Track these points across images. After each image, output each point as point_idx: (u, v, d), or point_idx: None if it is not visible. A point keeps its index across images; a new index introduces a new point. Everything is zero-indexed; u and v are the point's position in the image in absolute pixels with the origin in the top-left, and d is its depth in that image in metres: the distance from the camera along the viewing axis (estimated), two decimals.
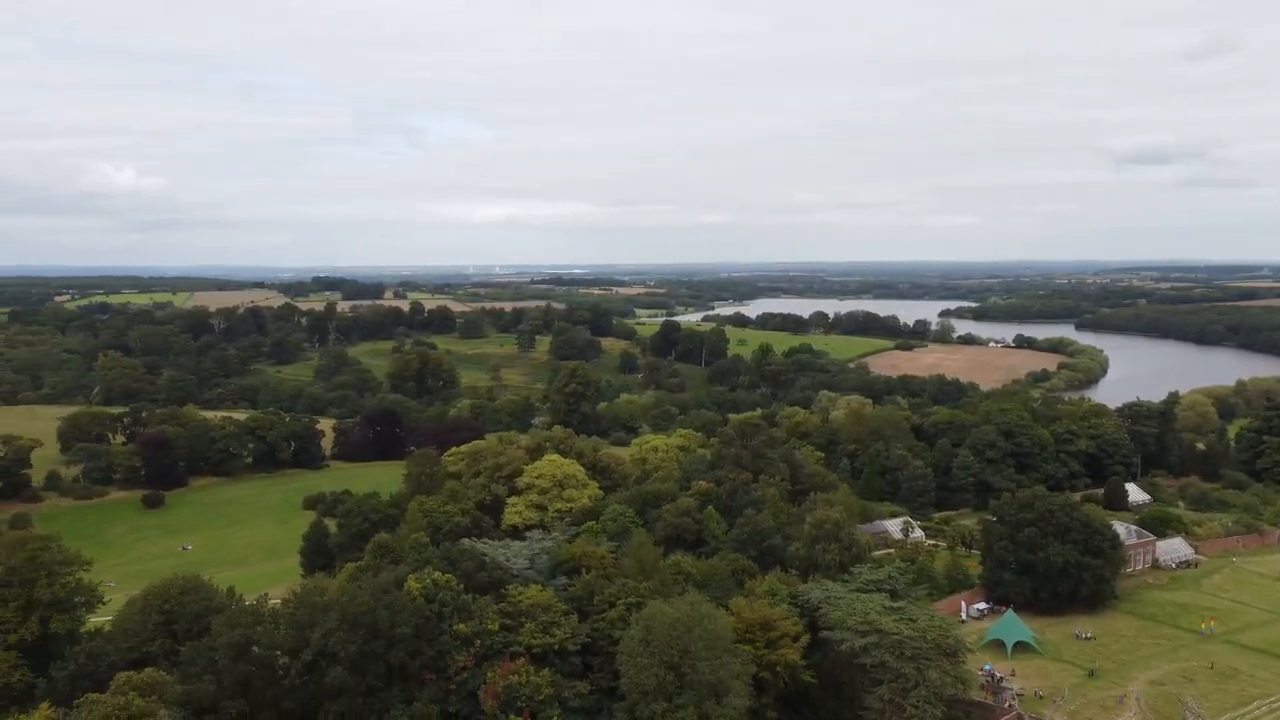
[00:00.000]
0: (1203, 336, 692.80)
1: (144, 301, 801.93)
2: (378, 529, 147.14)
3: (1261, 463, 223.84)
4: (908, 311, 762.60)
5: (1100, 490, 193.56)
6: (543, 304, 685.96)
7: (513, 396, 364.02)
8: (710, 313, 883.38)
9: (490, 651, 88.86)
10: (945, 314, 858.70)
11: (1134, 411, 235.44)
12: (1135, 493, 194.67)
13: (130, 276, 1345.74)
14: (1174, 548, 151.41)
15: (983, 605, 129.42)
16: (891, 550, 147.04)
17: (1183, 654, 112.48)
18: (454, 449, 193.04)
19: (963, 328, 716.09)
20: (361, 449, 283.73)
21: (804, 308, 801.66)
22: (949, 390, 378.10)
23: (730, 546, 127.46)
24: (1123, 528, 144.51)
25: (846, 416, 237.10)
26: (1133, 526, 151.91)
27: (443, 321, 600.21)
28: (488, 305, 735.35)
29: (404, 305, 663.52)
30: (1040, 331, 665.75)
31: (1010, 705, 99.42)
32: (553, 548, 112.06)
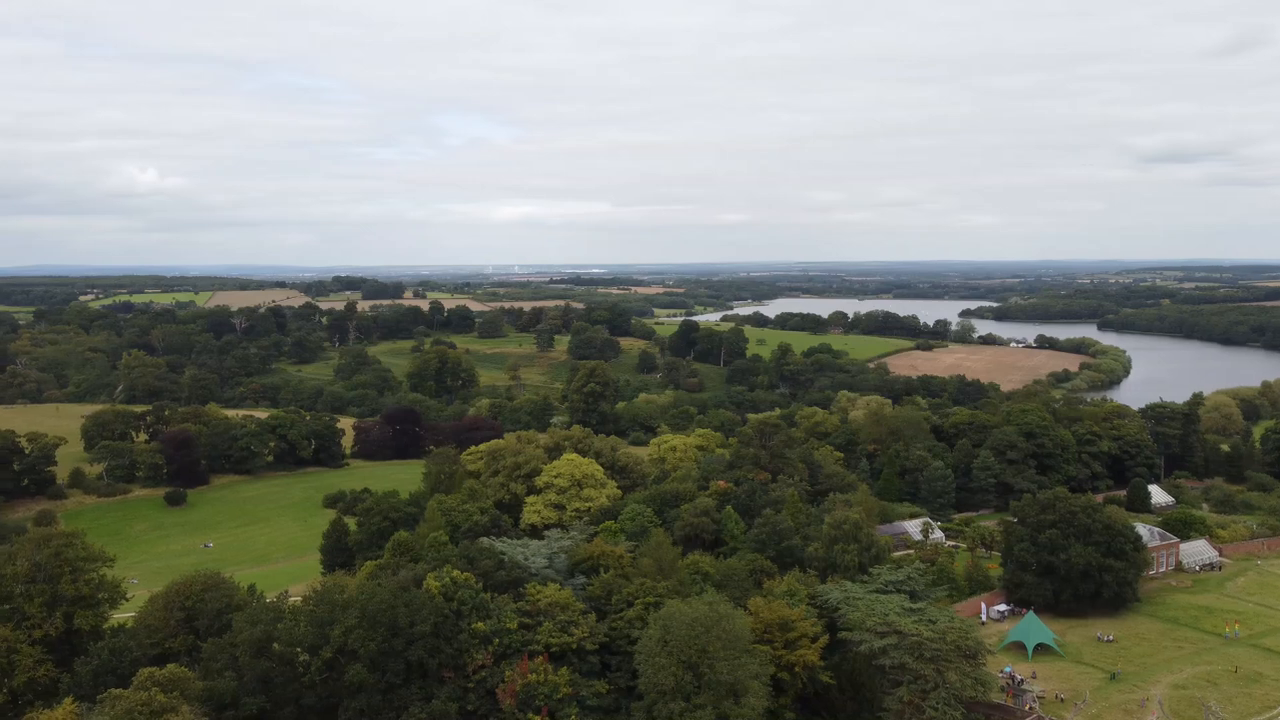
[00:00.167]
0: (1228, 337, 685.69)
1: (167, 301, 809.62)
2: (397, 527, 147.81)
3: None
4: (928, 311, 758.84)
5: (1122, 492, 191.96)
6: (561, 303, 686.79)
7: (531, 396, 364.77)
8: (729, 312, 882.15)
9: (508, 650, 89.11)
10: (966, 314, 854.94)
11: (1157, 413, 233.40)
12: (1158, 494, 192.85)
13: (153, 276, 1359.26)
14: (1197, 550, 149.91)
15: (1003, 607, 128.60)
16: (911, 551, 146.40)
17: (1206, 657, 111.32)
18: (473, 448, 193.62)
19: (984, 328, 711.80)
20: (381, 448, 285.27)
21: (823, 307, 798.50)
22: (969, 391, 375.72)
23: (749, 546, 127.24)
24: (1145, 530, 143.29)
25: (866, 417, 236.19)
26: (1155, 529, 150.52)
27: (462, 321, 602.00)
28: (507, 305, 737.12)
29: (423, 305, 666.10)
30: (1062, 332, 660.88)
31: (1031, 708, 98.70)
32: (571, 547, 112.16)
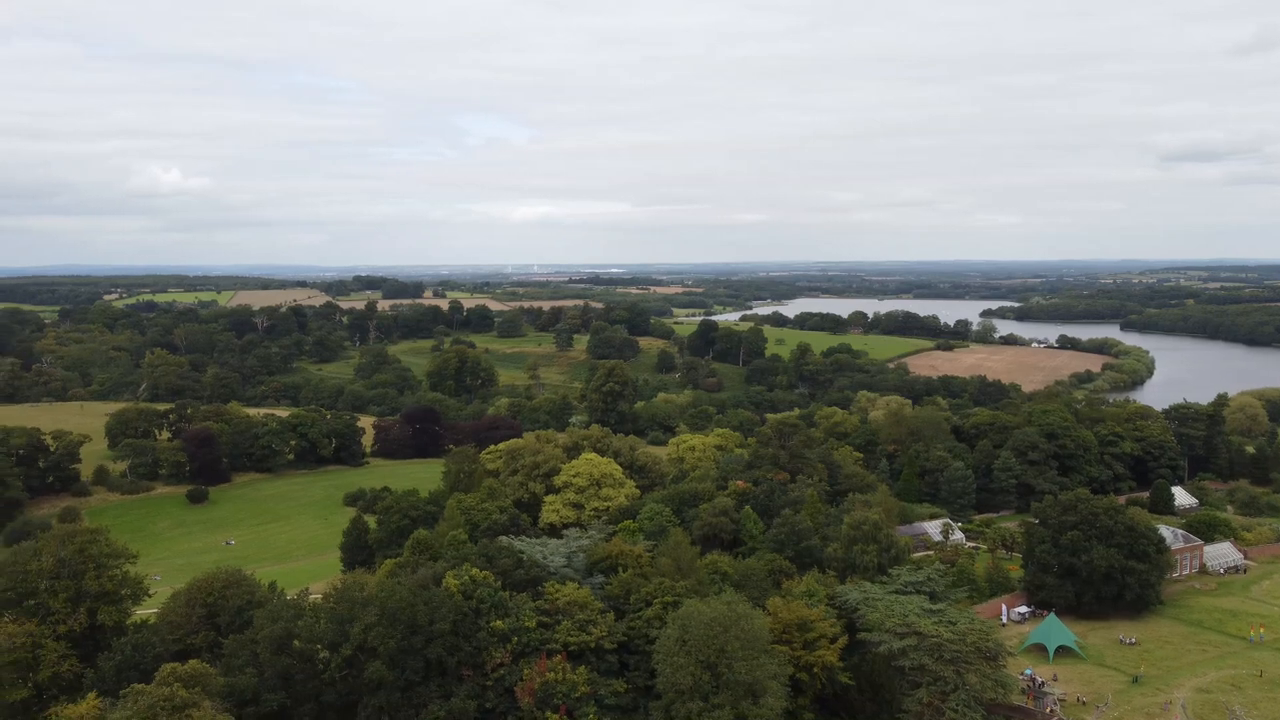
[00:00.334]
0: (1253, 337, 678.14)
1: (189, 300, 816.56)
2: (417, 526, 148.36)
3: None
4: (948, 311, 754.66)
5: (1145, 493, 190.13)
6: (580, 303, 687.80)
7: (550, 395, 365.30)
8: (748, 312, 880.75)
9: (527, 648, 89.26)
10: (987, 314, 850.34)
11: (1181, 413, 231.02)
12: (1182, 496, 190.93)
13: (176, 275, 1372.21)
14: (1222, 553, 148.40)
15: (1024, 609, 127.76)
16: (931, 552, 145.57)
17: (1230, 661, 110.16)
18: (492, 447, 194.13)
19: (1005, 328, 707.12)
20: (401, 446, 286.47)
21: (843, 307, 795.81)
22: (990, 391, 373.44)
23: (767, 546, 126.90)
24: (1169, 532, 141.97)
25: (885, 417, 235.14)
26: (1179, 530, 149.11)
27: (481, 320, 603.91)
28: (526, 304, 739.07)
29: (443, 304, 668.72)
30: (1084, 332, 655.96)
31: (1052, 711, 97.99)
32: (589, 546, 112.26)
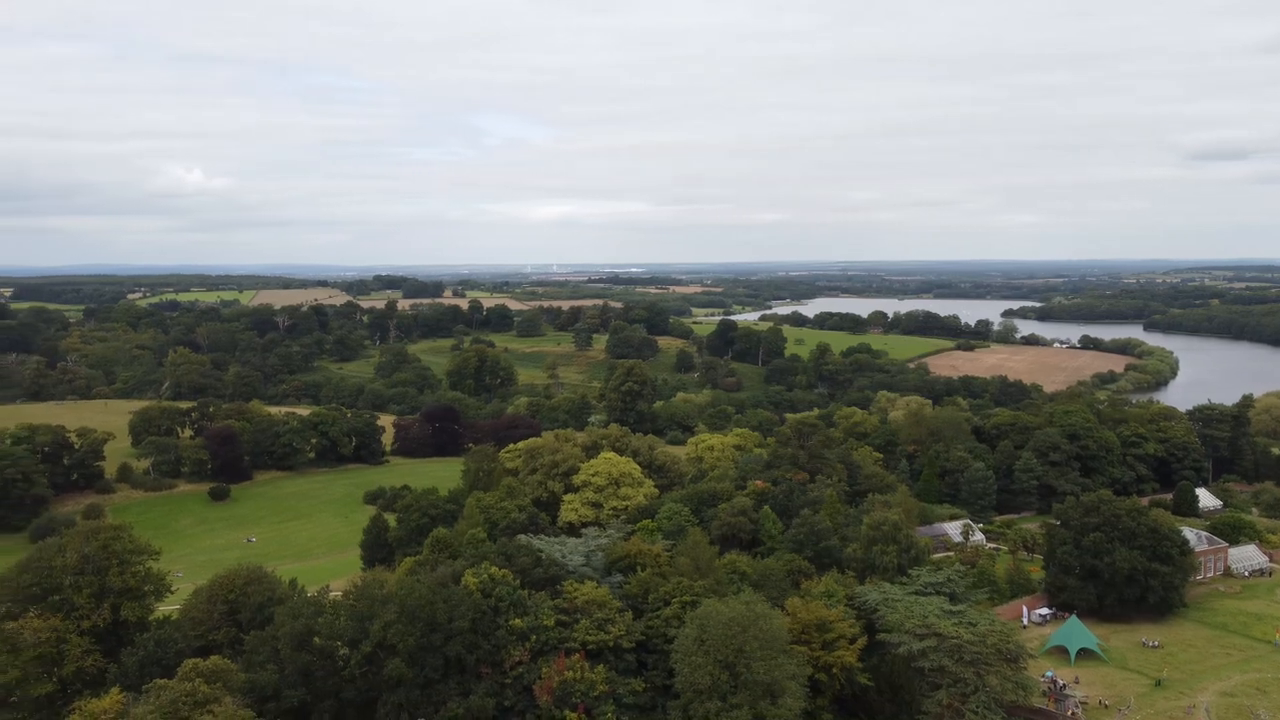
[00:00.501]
0: (1279, 338, 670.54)
1: (212, 299, 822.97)
2: (436, 524, 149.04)
3: None
4: (969, 311, 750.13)
5: (1169, 495, 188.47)
6: (599, 302, 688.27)
7: (569, 394, 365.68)
8: (767, 312, 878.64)
9: (545, 647, 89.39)
10: (1008, 314, 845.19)
11: (1205, 415, 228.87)
12: (1206, 498, 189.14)
13: (198, 275, 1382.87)
14: (1247, 555, 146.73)
15: (1045, 611, 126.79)
16: (951, 553, 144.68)
17: (1255, 665, 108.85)
18: (511, 446, 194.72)
19: (1026, 328, 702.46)
20: (421, 445, 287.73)
21: (863, 307, 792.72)
22: (1011, 392, 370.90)
23: (786, 547, 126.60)
24: (1193, 534, 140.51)
25: (905, 417, 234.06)
26: (1203, 533, 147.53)
27: (501, 320, 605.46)
28: (545, 304, 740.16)
29: (463, 303, 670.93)
30: (1107, 332, 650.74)
31: (1073, 714, 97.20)
32: (608, 545, 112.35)
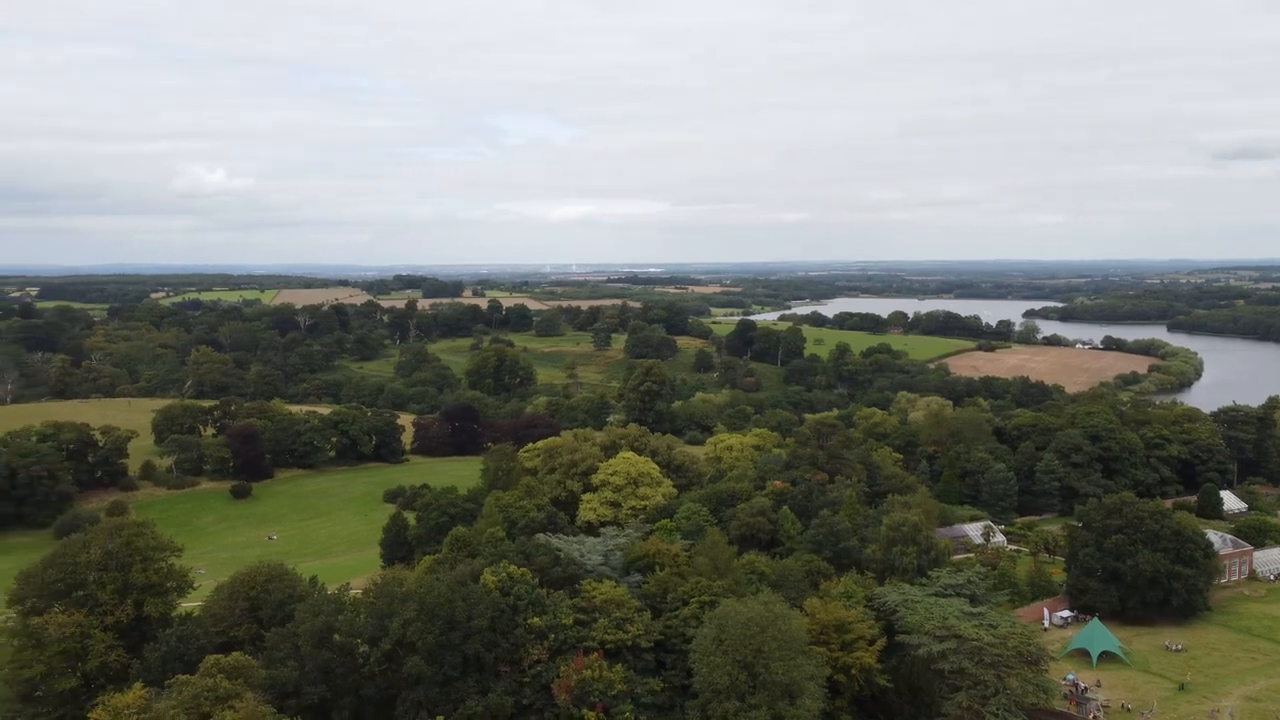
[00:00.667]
0: None
1: (234, 299, 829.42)
2: (455, 523, 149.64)
3: None
4: (990, 311, 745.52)
5: (1193, 497, 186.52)
6: (619, 302, 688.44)
7: (588, 394, 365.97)
8: (787, 312, 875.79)
9: (564, 646, 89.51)
10: (1030, 314, 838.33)
11: (1230, 416, 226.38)
12: (1231, 500, 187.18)
13: (221, 274, 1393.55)
14: (1272, 558, 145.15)
15: (1067, 613, 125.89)
16: (971, 555, 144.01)
17: None
18: (530, 445, 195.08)
19: (1048, 328, 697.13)
20: (440, 444, 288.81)
21: (883, 307, 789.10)
22: (1033, 392, 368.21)
23: (805, 547, 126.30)
24: (1217, 536, 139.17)
25: (925, 418, 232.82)
26: (1228, 535, 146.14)
27: (520, 319, 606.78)
28: (564, 303, 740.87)
29: (482, 303, 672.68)
30: (1130, 333, 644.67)
31: (1095, 717, 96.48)
32: (626, 545, 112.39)
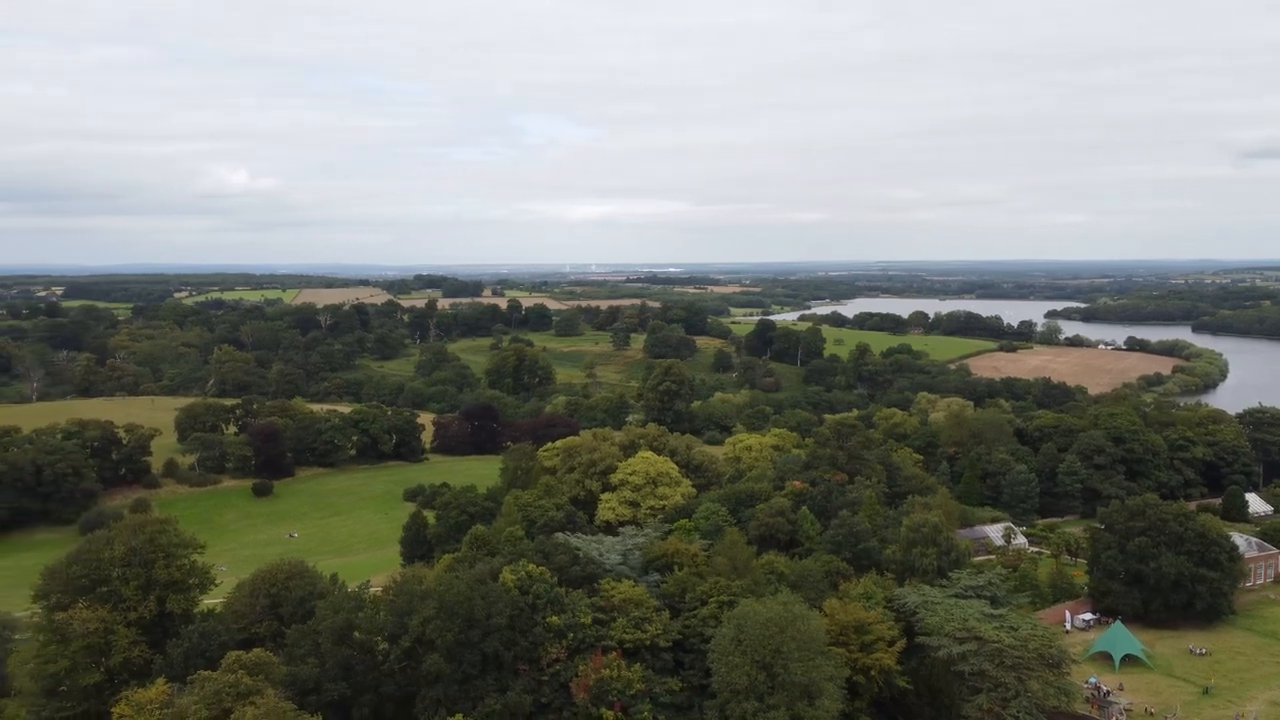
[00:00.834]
0: None
1: (256, 298, 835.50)
2: (474, 521, 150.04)
3: None
4: (1012, 312, 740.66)
5: (1218, 500, 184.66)
6: (638, 302, 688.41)
7: (607, 394, 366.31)
8: (807, 312, 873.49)
9: (582, 645, 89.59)
10: (1052, 315, 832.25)
11: (1256, 418, 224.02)
12: (1256, 503, 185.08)
13: (243, 274, 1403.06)
14: None
15: (1089, 616, 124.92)
16: (992, 556, 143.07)
17: None
18: (549, 444, 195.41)
19: (1070, 329, 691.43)
20: (460, 443, 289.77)
21: (903, 307, 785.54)
22: (1055, 393, 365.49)
23: (824, 548, 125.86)
24: (1242, 540, 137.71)
25: (946, 418, 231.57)
26: (1253, 538, 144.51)
27: (539, 319, 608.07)
28: (583, 303, 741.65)
29: (502, 303, 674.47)
30: (1154, 334, 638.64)
31: None
32: (645, 544, 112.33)
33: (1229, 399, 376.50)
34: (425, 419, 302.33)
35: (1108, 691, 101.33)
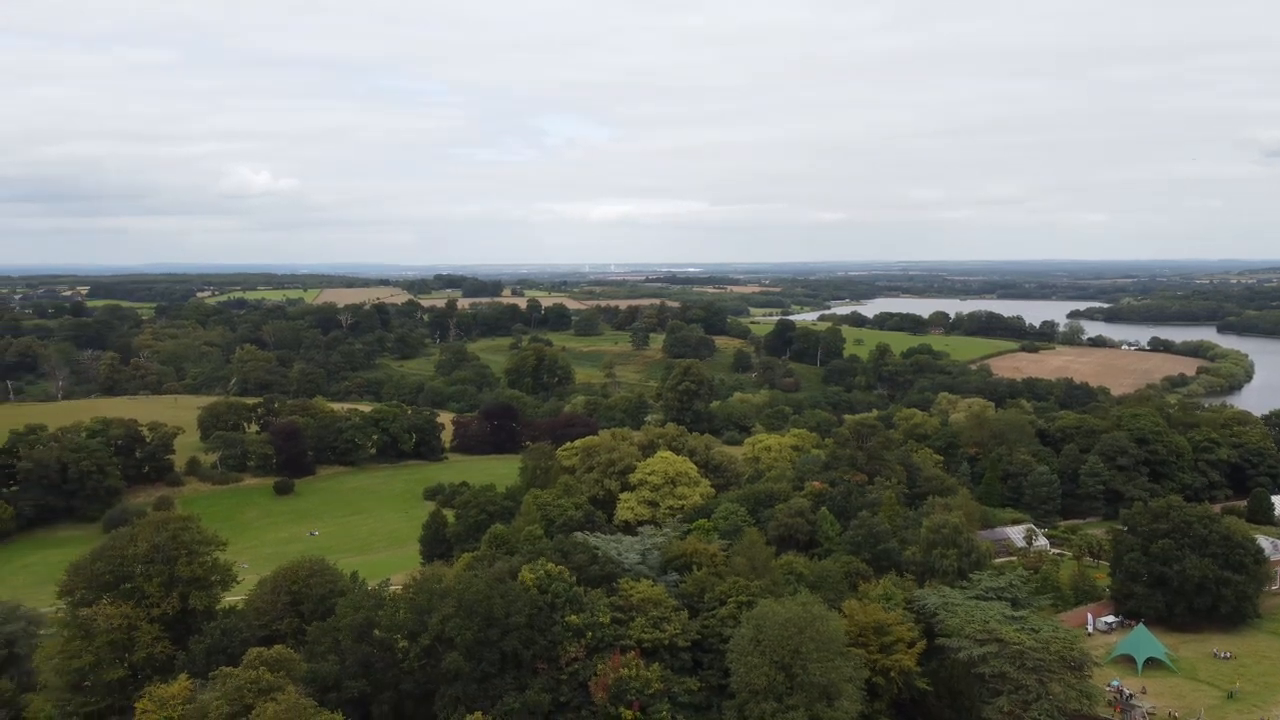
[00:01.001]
0: None
1: (277, 298, 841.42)
2: (494, 520, 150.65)
3: None
4: (1034, 312, 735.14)
5: (1243, 502, 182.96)
6: (657, 302, 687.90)
7: (626, 393, 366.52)
8: (826, 312, 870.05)
9: (601, 644, 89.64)
10: (1074, 315, 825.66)
11: None
12: None
13: (265, 273, 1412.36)
14: None
15: (1111, 618, 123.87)
16: (1013, 558, 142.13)
17: None
18: (568, 444, 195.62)
19: (1093, 329, 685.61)
20: (479, 442, 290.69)
21: (923, 307, 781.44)
22: (1077, 394, 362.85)
23: (844, 548, 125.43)
24: (1268, 542, 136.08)
25: (967, 419, 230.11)
26: (1279, 541, 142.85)
27: (559, 319, 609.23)
28: (603, 303, 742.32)
29: (521, 303, 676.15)
30: (1178, 334, 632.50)
31: None
32: (664, 544, 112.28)
33: (1255, 400, 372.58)
34: (445, 418, 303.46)
35: (1130, 695, 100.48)
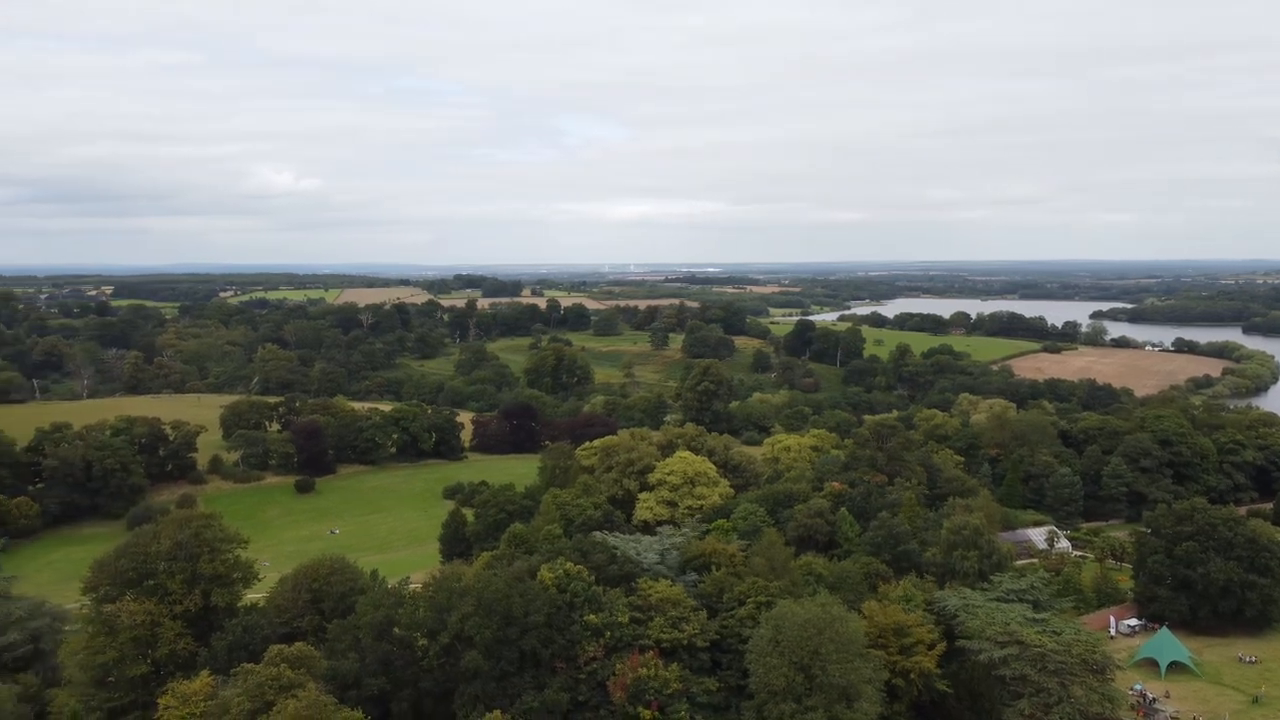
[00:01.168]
0: None
1: (299, 297, 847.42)
2: (513, 519, 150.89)
3: None
4: (1056, 312, 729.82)
5: (1269, 504, 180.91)
6: (676, 302, 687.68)
7: (645, 393, 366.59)
8: (846, 312, 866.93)
9: (620, 643, 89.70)
10: (1097, 315, 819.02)
11: None
12: None
13: (286, 273, 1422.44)
14: None
15: (1134, 621, 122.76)
16: (1035, 560, 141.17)
17: None
18: (587, 444, 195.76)
19: (1116, 330, 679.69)
20: (499, 441, 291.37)
21: (944, 308, 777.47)
22: (1100, 395, 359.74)
23: (863, 549, 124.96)
24: None
25: (988, 420, 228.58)
26: None
27: (578, 319, 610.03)
28: (622, 303, 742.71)
29: (541, 303, 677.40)
30: (1203, 335, 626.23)
31: None
32: (683, 544, 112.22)
33: None
34: (464, 418, 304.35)
35: (1154, 699, 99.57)
